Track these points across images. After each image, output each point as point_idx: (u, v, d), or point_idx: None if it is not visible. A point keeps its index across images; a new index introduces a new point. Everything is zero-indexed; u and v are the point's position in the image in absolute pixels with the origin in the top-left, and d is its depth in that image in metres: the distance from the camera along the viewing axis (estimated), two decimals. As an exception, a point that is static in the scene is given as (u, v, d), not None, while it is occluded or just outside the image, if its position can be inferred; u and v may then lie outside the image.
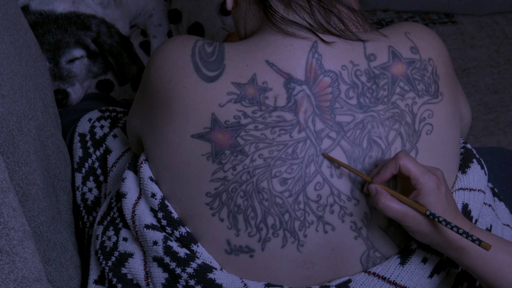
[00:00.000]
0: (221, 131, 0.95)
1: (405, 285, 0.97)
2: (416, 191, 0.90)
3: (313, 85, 0.96)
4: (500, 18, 2.34)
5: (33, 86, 1.16)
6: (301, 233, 0.96)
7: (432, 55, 1.01)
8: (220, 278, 0.98)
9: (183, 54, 0.99)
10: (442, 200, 0.90)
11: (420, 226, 0.90)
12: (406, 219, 0.90)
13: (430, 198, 0.89)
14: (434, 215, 0.88)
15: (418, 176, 0.89)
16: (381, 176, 0.92)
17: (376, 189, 0.91)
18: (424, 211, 0.89)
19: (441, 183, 0.91)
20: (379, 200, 0.90)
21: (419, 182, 0.89)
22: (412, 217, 0.90)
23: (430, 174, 0.90)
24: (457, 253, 0.92)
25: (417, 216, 0.90)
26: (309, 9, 0.98)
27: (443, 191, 0.90)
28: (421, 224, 0.90)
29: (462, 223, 0.92)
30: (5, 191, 0.91)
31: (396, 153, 0.92)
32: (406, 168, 0.90)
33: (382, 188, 0.91)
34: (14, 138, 1.01)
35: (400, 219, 0.90)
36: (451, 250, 0.92)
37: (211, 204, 0.96)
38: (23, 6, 1.64)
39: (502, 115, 2.08)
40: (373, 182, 0.92)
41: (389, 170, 0.91)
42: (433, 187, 0.89)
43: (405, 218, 0.90)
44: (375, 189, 0.91)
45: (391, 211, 0.90)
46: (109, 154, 1.26)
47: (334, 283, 0.98)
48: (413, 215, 0.90)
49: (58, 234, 1.12)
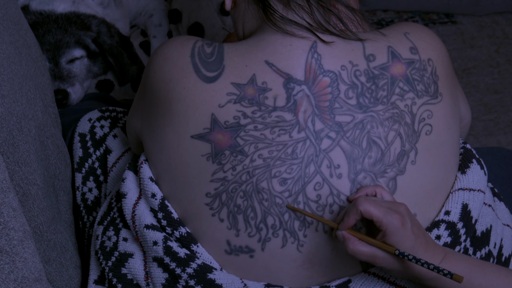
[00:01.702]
0: (220, 132, 0.95)
1: (404, 285, 0.97)
2: (382, 232, 0.90)
3: (312, 85, 0.96)
4: (500, 18, 2.34)
5: (33, 86, 1.16)
6: (301, 233, 0.96)
7: (432, 55, 1.01)
8: (220, 278, 0.98)
9: (183, 55, 0.99)
10: (409, 236, 0.89)
11: (391, 265, 0.90)
12: (377, 261, 0.90)
13: (396, 237, 0.89)
14: (403, 254, 0.88)
15: (380, 218, 0.89)
16: (345, 223, 0.91)
17: (343, 236, 0.91)
18: (393, 251, 0.89)
19: (406, 220, 0.90)
20: (347, 246, 0.90)
21: (383, 223, 0.89)
22: (382, 258, 0.90)
23: (393, 213, 0.89)
24: (434, 282, 0.91)
25: (387, 256, 0.90)
26: (308, 8, 0.98)
27: (408, 227, 0.90)
28: (392, 263, 0.90)
29: (433, 253, 0.91)
30: (5, 191, 0.91)
31: (355, 199, 0.91)
32: (367, 212, 0.89)
33: (349, 234, 0.91)
34: (14, 138, 1.01)
35: (372, 261, 0.90)
36: (427, 281, 0.92)
37: (211, 205, 0.97)
38: (23, 6, 1.64)
39: (502, 115, 2.08)
40: (339, 229, 0.92)
41: (352, 217, 0.90)
42: (398, 225, 0.89)
43: (376, 260, 0.90)
44: (341, 235, 0.91)
45: (361, 255, 0.90)
46: (109, 154, 1.26)
47: (334, 283, 0.98)
48: (383, 256, 0.90)
49: (58, 234, 1.12)
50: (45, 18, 1.60)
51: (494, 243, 1.06)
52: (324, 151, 0.95)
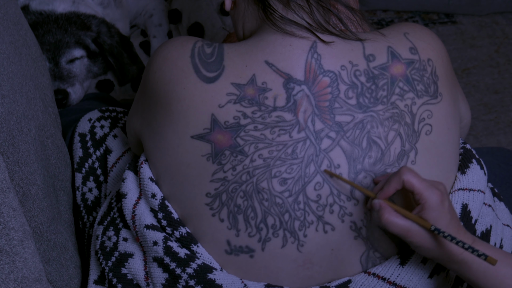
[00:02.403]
0: (220, 132, 0.95)
1: (405, 285, 0.97)
2: (420, 206, 0.89)
3: (312, 85, 0.96)
4: (500, 18, 2.34)
5: (33, 86, 1.16)
6: (301, 233, 0.96)
7: (431, 55, 1.01)
8: (220, 278, 0.98)
9: (183, 55, 0.99)
10: (446, 215, 0.89)
11: (423, 241, 0.90)
12: (410, 235, 0.90)
13: (434, 212, 0.89)
14: (439, 230, 0.88)
15: (422, 191, 0.89)
16: (384, 192, 0.91)
17: (380, 205, 0.91)
18: (429, 226, 0.88)
19: (445, 198, 0.90)
20: (382, 215, 0.90)
21: (423, 197, 0.89)
22: (415, 232, 0.90)
23: (434, 189, 0.89)
24: (459, 266, 0.91)
25: (421, 232, 0.89)
26: (308, 8, 0.98)
27: (446, 206, 0.90)
28: (424, 239, 0.90)
29: (464, 237, 0.91)
30: (5, 191, 0.91)
31: (399, 168, 0.91)
32: (410, 183, 0.89)
33: (386, 204, 0.90)
34: (14, 138, 1.01)
35: (404, 234, 0.90)
36: (453, 264, 0.92)
37: (211, 205, 0.97)
38: (23, 6, 1.64)
39: (502, 115, 2.08)
40: (377, 197, 0.91)
41: (392, 185, 0.90)
42: (437, 201, 0.89)
43: (408, 234, 0.90)
44: (378, 204, 0.91)
45: (394, 226, 0.90)
46: (109, 154, 1.26)
47: (334, 284, 0.98)
48: (416, 230, 0.89)
49: (58, 234, 1.12)
50: (45, 18, 1.60)
51: (494, 243, 1.06)
52: (324, 151, 0.95)
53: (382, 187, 0.92)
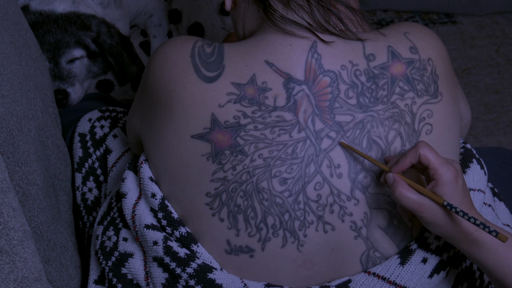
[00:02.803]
0: (221, 131, 0.95)
1: (405, 285, 0.97)
2: (434, 182, 0.90)
3: (312, 85, 0.96)
4: (500, 18, 2.34)
5: (33, 86, 1.16)
6: (301, 233, 0.96)
7: (432, 55, 1.01)
8: (220, 278, 0.98)
9: (183, 55, 0.99)
10: (459, 192, 0.90)
11: (435, 217, 0.90)
12: (422, 209, 0.90)
13: (447, 189, 0.89)
14: (451, 206, 0.88)
15: (437, 166, 0.89)
16: (399, 165, 0.91)
17: (394, 178, 0.91)
18: (442, 202, 0.89)
19: (459, 176, 0.91)
20: (396, 188, 0.90)
21: (438, 172, 0.89)
22: (428, 207, 0.90)
23: (449, 165, 0.90)
24: (470, 246, 0.91)
25: (434, 207, 0.90)
26: (308, 8, 0.98)
27: (460, 183, 0.90)
28: (437, 215, 0.90)
29: (476, 216, 0.91)
30: (5, 191, 0.91)
31: (417, 143, 0.92)
32: (426, 158, 0.90)
33: (399, 177, 0.91)
34: (14, 138, 1.01)
35: (416, 209, 0.90)
36: (464, 243, 0.92)
37: (211, 204, 0.97)
38: (23, 6, 1.64)
39: (502, 115, 2.08)
40: (391, 171, 0.92)
41: (408, 159, 0.91)
42: (451, 178, 0.89)
43: (421, 208, 0.90)
44: (392, 178, 0.91)
45: (407, 200, 0.90)
46: (109, 154, 1.26)
47: (334, 283, 0.98)
48: (429, 205, 0.90)
49: (58, 234, 1.12)
50: (45, 18, 1.60)
51: (494, 243, 1.06)
52: (324, 150, 0.95)
53: (398, 161, 0.92)
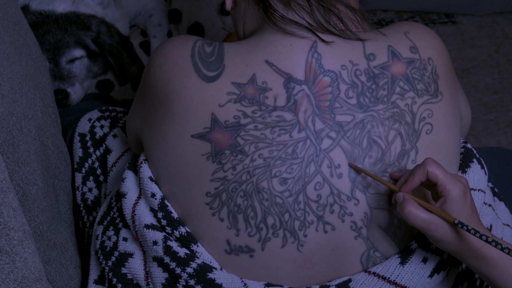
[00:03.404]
0: (221, 131, 0.95)
1: (405, 284, 0.97)
2: (443, 199, 0.89)
3: (312, 84, 0.96)
4: (500, 18, 2.34)
5: (33, 86, 1.16)
6: (301, 233, 0.96)
7: (432, 54, 1.01)
8: (220, 278, 0.98)
9: (183, 54, 0.99)
10: (468, 209, 0.89)
11: (444, 235, 0.90)
12: (432, 228, 0.89)
13: (456, 205, 0.89)
14: (463, 224, 0.87)
15: (445, 183, 0.89)
16: (409, 185, 0.91)
17: (403, 197, 0.91)
18: (453, 220, 0.88)
19: (467, 192, 0.90)
20: (405, 207, 0.90)
21: (446, 189, 0.89)
22: (438, 225, 0.89)
23: (457, 182, 0.89)
24: (477, 262, 0.91)
25: (443, 225, 0.89)
26: (309, 8, 0.98)
27: (468, 199, 0.90)
28: (446, 232, 0.90)
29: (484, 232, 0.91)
30: (5, 191, 0.91)
31: (424, 160, 0.91)
32: (434, 175, 0.89)
33: (409, 196, 0.91)
34: (14, 138, 1.01)
35: (426, 227, 0.90)
36: (471, 259, 0.91)
37: (211, 204, 0.96)
38: (23, 6, 1.64)
39: (502, 115, 2.08)
40: (401, 191, 0.91)
41: (417, 177, 0.90)
42: (460, 194, 0.89)
43: (431, 227, 0.89)
44: (402, 197, 0.91)
45: (417, 219, 0.89)
46: (109, 154, 1.26)
47: (334, 283, 0.98)
48: (439, 223, 0.89)
49: (58, 234, 1.12)
50: (45, 18, 1.60)
51: (494, 242, 1.06)
52: (325, 150, 0.95)
53: (406, 180, 0.92)
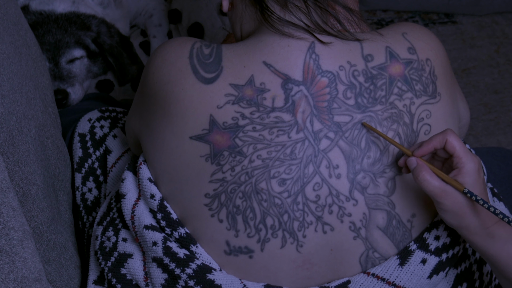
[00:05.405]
0: (219, 133, 0.95)
1: (404, 285, 0.97)
2: (457, 170, 0.90)
3: (310, 85, 0.96)
4: (500, 18, 2.34)
5: (33, 86, 1.16)
6: (300, 233, 0.96)
7: (430, 55, 1.01)
8: (219, 278, 0.98)
9: (181, 56, 0.99)
10: (480, 184, 0.90)
11: (455, 205, 0.90)
12: (443, 195, 0.89)
13: (469, 178, 0.89)
14: (472, 193, 0.88)
15: (461, 155, 0.90)
16: (423, 149, 0.92)
17: (416, 162, 0.91)
18: (462, 189, 0.89)
19: (481, 168, 0.91)
20: (419, 172, 0.90)
21: (462, 161, 0.89)
22: (449, 194, 0.89)
23: (473, 156, 0.90)
24: (484, 240, 0.91)
25: (455, 194, 0.89)
26: (306, 9, 0.98)
27: (481, 176, 0.90)
28: (456, 203, 0.90)
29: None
30: (5, 191, 0.91)
31: (445, 129, 0.92)
32: (452, 145, 0.90)
33: (422, 162, 0.91)
34: (14, 138, 1.02)
35: (438, 194, 0.90)
36: (478, 236, 0.91)
37: (210, 205, 0.97)
38: (23, 6, 1.64)
39: (502, 115, 2.08)
40: (414, 155, 0.92)
41: (433, 143, 0.91)
42: (475, 168, 0.89)
43: (442, 194, 0.89)
44: (415, 161, 0.91)
45: (429, 185, 0.90)
46: (109, 154, 1.27)
47: (333, 284, 0.98)
48: (451, 192, 0.89)
49: (58, 234, 1.12)
50: (45, 18, 1.61)
51: (493, 243, 1.06)
52: (323, 151, 0.95)
53: (421, 145, 0.92)
